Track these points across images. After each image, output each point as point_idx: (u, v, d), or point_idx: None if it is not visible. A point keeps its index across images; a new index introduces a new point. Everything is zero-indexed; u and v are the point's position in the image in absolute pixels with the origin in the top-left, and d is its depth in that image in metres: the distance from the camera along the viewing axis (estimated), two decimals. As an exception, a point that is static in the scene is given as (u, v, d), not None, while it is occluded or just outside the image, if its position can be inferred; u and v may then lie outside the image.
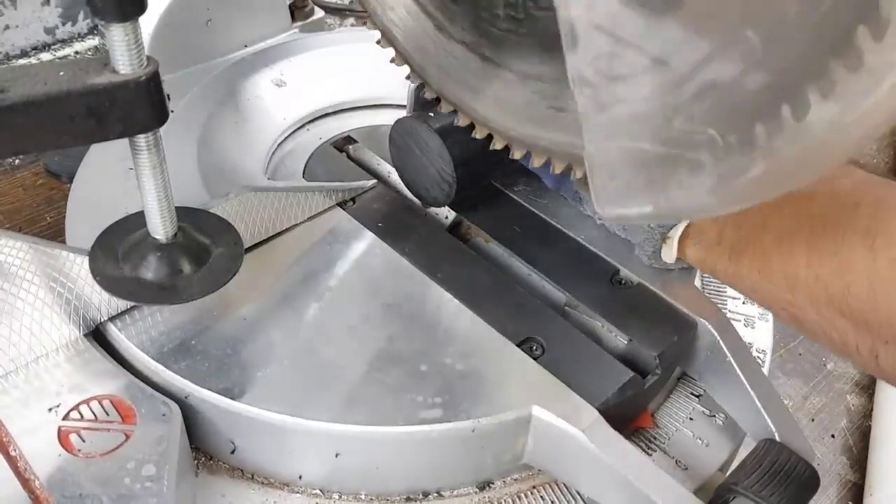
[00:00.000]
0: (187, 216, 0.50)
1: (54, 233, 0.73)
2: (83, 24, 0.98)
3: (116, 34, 0.39)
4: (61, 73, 0.40)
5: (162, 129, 0.43)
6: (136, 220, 0.48)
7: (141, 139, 0.43)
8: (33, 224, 0.76)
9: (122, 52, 0.39)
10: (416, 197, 0.62)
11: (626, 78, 0.35)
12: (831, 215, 0.43)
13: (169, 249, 0.47)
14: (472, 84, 0.49)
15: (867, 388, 0.82)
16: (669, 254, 0.52)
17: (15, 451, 0.44)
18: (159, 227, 0.46)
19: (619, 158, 0.37)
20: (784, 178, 0.32)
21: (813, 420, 0.83)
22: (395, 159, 0.61)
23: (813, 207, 0.43)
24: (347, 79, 0.73)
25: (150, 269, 0.47)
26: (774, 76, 0.30)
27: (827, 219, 0.43)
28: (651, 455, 0.53)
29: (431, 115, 0.57)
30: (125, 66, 0.40)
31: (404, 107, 0.63)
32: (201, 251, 0.48)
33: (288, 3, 0.84)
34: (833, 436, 0.81)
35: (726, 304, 0.65)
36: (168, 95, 0.42)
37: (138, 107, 0.41)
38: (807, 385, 0.89)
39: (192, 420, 0.48)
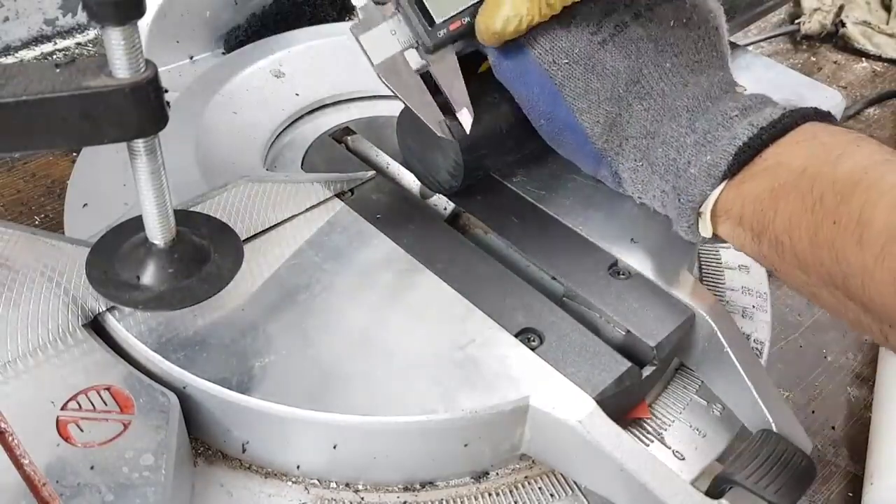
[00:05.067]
0: (186, 219, 0.49)
1: (55, 225, 0.73)
2: (83, 14, 0.98)
3: (113, 38, 0.38)
4: (56, 75, 0.39)
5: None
6: (135, 224, 0.47)
7: (139, 143, 0.42)
8: (33, 216, 0.76)
9: (120, 56, 0.38)
10: (425, 185, 0.62)
11: None
12: (829, 200, 0.43)
13: (168, 254, 0.46)
14: None
15: (867, 380, 0.82)
16: (705, 228, 0.51)
17: (13, 440, 0.44)
18: (157, 233, 0.46)
19: None
20: None
21: (813, 412, 0.83)
22: (402, 146, 0.61)
23: (815, 191, 0.43)
24: (346, 70, 0.73)
25: (150, 275, 0.46)
26: None
27: (826, 204, 0.43)
28: (648, 445, 0.53)
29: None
30: (122, 70, 0.39)
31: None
32: (200, 254, 0.48)
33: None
34: (833, 427, 0.80)
35: (724, 295, 0.65)
36: (168, 103, 0.41)
37: (135, 112, 0.40)
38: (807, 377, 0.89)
39: (190, 410, 0.49)
